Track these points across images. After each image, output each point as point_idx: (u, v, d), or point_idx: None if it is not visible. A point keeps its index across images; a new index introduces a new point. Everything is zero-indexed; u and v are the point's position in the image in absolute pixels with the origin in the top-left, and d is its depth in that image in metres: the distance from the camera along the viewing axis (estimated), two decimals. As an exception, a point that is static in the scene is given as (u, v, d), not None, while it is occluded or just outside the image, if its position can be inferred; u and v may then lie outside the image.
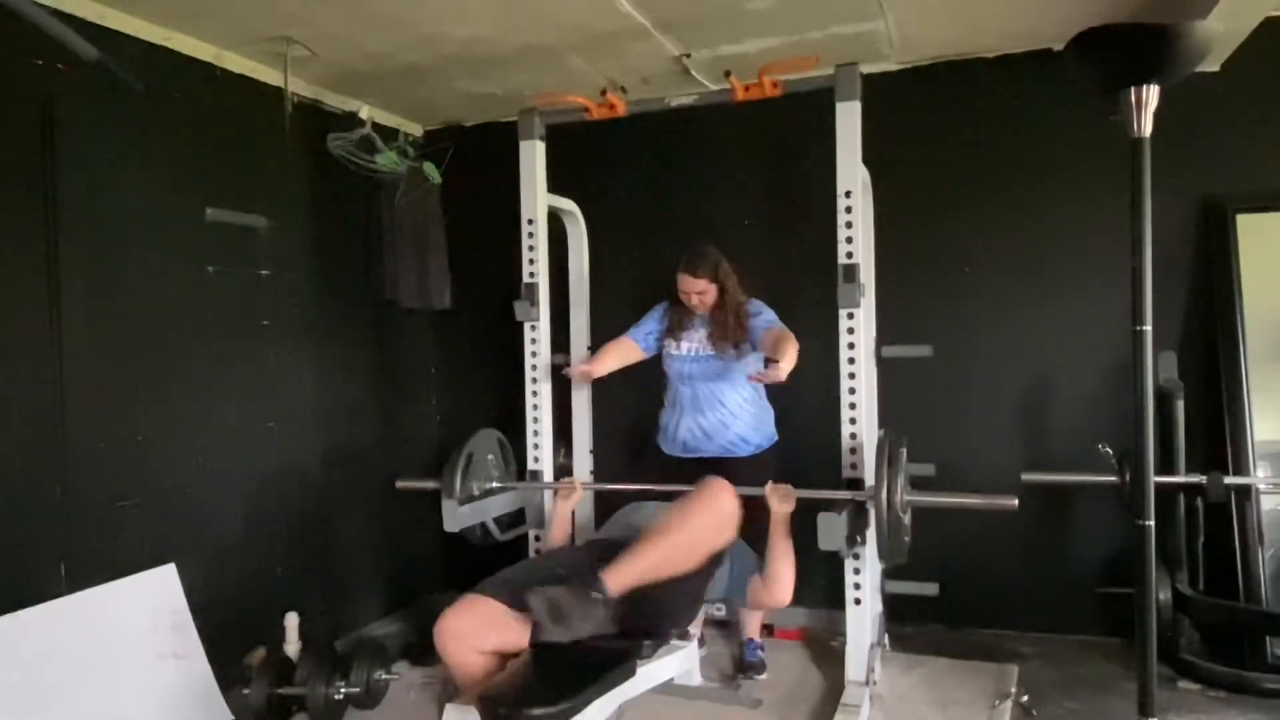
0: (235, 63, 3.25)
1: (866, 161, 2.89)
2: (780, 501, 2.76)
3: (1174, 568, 3.16)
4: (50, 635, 2.51)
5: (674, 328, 3.26)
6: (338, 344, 3.79)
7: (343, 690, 2.74)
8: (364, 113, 3.77)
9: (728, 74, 3.02)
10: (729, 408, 3.16)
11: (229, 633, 3.06)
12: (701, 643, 3.39)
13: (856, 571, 2.89)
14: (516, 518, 3.36)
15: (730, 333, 3.13)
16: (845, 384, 2.86)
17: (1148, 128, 2.05)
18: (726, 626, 3.54)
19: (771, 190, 3.83)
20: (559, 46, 3.22)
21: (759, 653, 3.23)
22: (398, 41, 3.15)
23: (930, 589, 3.30)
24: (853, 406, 2.85)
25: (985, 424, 3.56)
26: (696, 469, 3.13)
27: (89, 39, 2.19)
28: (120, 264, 2.85)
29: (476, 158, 4.14)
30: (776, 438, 3.30)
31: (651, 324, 3.34)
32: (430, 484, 3.12)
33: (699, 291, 3.12)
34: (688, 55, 3.33)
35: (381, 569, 4.06)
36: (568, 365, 3.32)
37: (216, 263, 3.18)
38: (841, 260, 2.81)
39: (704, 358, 3.19)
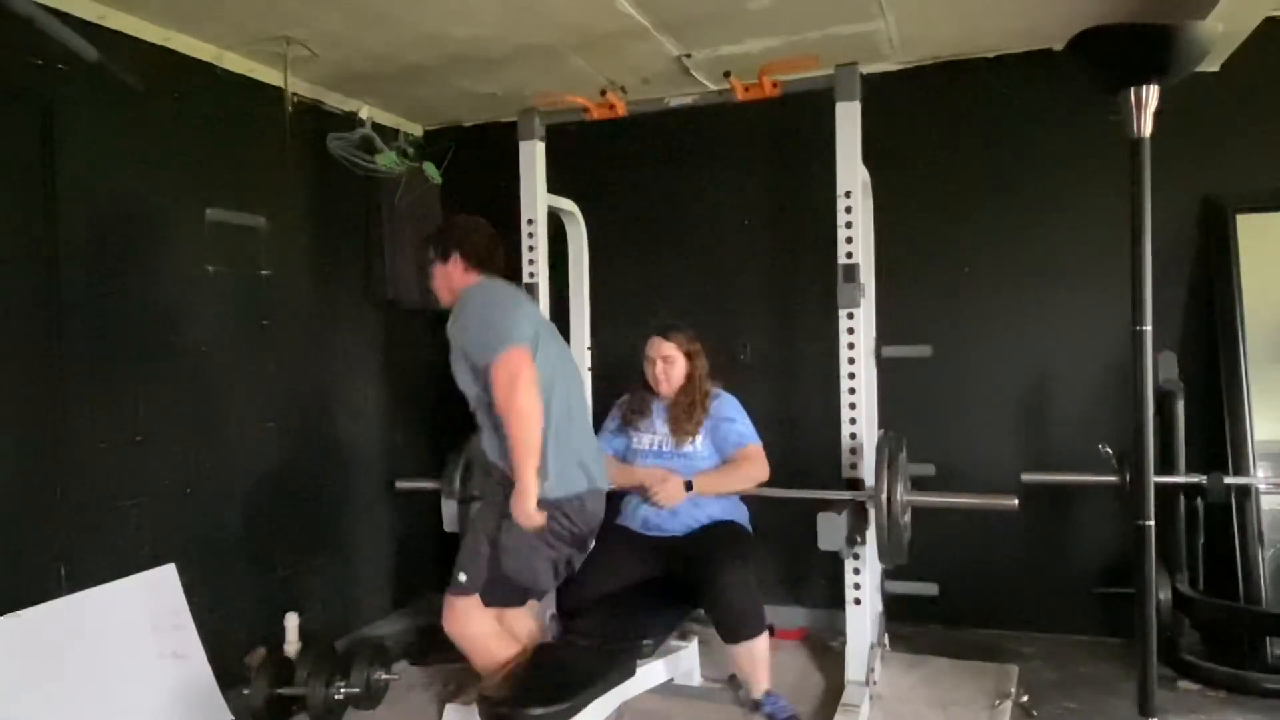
0: (235, 63, 3.25)
1: (866, 161, 2.89)
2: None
3: (1174, 568, 3.16)
4: (50, 635, 2.51)
5: (632, 415, 3.09)
6: (338, 344, 3.79)
7: (343, 690, 2.73)
8: (364, 113, 3.77)
9: (728, 74, 3.01)
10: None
11: (229, 633, 3.07)
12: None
13: (856, 571, 2.88)
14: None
15: (691, 420, 2.95)
16: (845, 384, 2.85)
17: (1148, 128, 2.05)
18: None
19: (771, 190, 3.83)
20: (559, 46, 3.22)
21: (781, 703, 2.79)
22: (398, 41, 3.15)
23: (930, 589, 3.29)
24: (853, 406, 2.85)
25: (985, 424, 3.56)
26: (651, 551, 2.92)
27: (89, 39, 2.21)
28: (120, 264, 2.85)
29: (476, 158, 4.14)
30: (749, 526, 3.03)
31: (612, 426, 3.17)
32: (430, 484, 3.12)
33: (665, 357, 2.97)
34: (688, 55, 3.33)
35: (381, 569, 4.06)
36: None
37: (216, 263, 3.18)
38: (841, 260, 2.81)
39: (667, 453, 2.98)
